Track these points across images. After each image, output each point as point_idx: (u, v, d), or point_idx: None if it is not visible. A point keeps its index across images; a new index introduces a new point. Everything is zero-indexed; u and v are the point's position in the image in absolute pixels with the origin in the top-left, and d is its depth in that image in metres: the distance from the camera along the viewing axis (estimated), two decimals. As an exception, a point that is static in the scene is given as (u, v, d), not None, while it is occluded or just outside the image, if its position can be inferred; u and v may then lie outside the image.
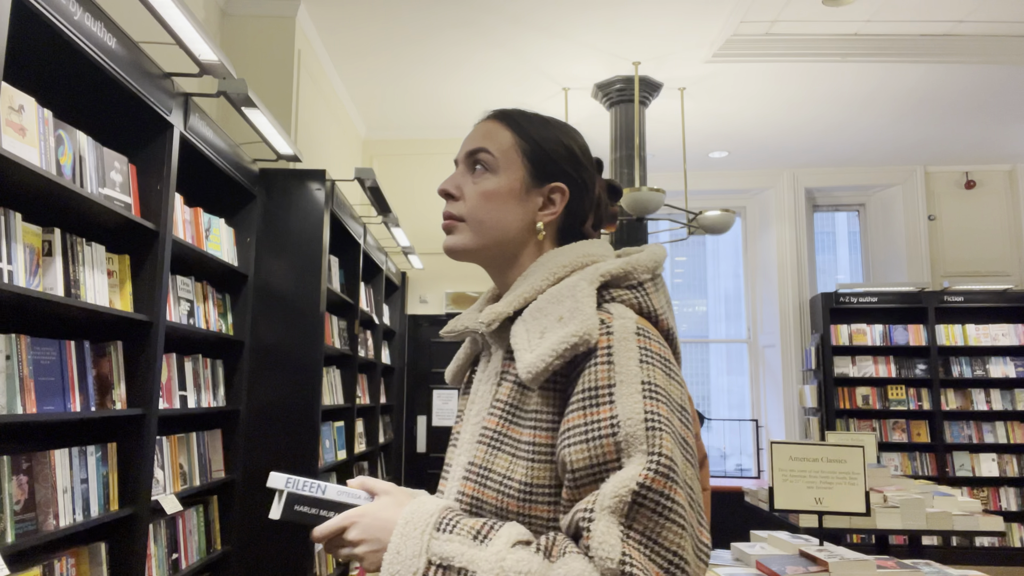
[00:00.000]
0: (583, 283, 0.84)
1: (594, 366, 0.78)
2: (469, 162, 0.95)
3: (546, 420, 0.81)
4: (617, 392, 0.76)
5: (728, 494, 5.79)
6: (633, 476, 0.72)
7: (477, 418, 0.90)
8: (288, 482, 0.82)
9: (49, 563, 1.77)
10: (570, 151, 0.96)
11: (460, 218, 0.93)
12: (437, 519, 0.78)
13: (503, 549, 0.73)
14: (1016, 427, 5.88)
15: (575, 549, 0.73)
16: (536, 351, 0.80)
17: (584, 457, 0.75)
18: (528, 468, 0.80)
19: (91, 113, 2.15)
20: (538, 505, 0.79)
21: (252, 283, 3.07)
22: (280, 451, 3.02)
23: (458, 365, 1.03)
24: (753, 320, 7.16)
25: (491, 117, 0.97)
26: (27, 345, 1.70)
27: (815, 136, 5.97)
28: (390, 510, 0.81)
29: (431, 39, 4.40)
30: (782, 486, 2.14)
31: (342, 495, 0.84)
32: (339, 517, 0.82)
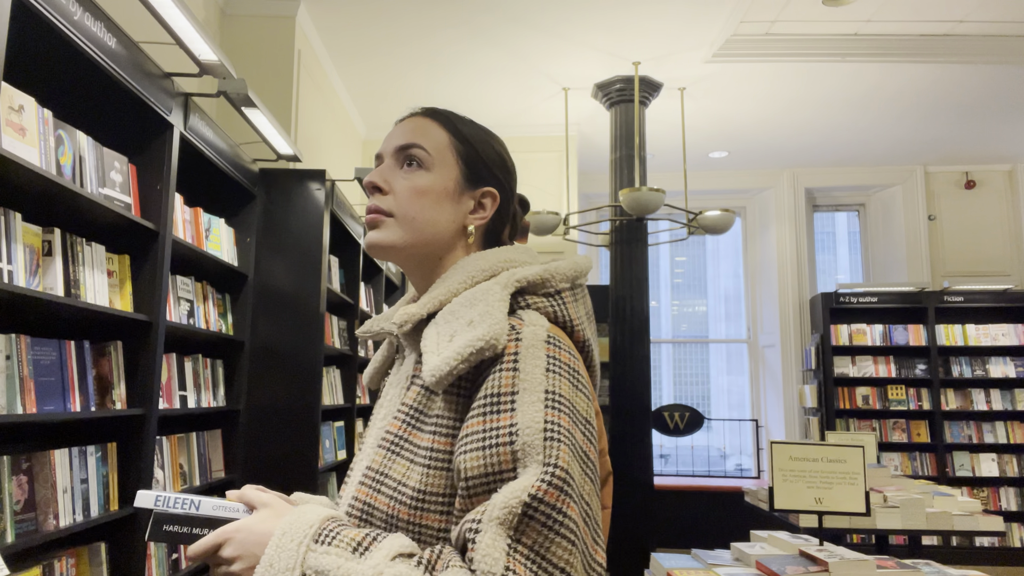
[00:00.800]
0: (496, 287, 0.82)
1: (499, 372, 0.76)
2: (400, 157, 0.91)
3: (446, 426, 0.78)
4: (519, 400, 0.74)
5: (728, 494, 5.79)
6: (525, 487, 0.69)
7: (383, 422, 0.87)
8: (158, 500, 0.77)
9: (49, 563, 1.77)
10: (501, 157, 0.97)
11: (388, 213, 0.89)
12: (316, 530, 0.73)
13: (381, 563, 0.69)
14: (1016, 427, 5.88)
15: (459, 563, 0.69)
16: (442, 354, 0.78)
17: (479, 465, 0.72)
18: (423, 475, 0.77)
19: (91, 113, 2.15)
20: (430, 514, 0.76)
21: (252, 283, 3.07)
22: (280, 451, 3.02)
23: (375, 367, 1.00)
24: (753, 320, 7.16)
25: (423, 114, 0.94)
26: (27, 345, 1.70)
27: (815, 136, 5.97)
28: (267, 522, 0.76)
29: (431, 39, 4.40)
30: (782, 486, 2.14)
31: (218, 509, 0.79)
32: (214, 534, 0.76)
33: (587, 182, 6.79)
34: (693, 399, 7.66)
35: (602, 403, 5.70)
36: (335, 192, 3.45)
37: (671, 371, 7.83)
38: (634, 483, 4.52)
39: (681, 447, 6.96)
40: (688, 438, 6.27)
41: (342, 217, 3.62)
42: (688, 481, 6.14)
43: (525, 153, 5.79)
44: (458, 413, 0.79)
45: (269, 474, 3.00)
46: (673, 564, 1.99)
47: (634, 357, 4.67)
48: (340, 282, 3.97)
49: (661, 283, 7.90)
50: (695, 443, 6.93)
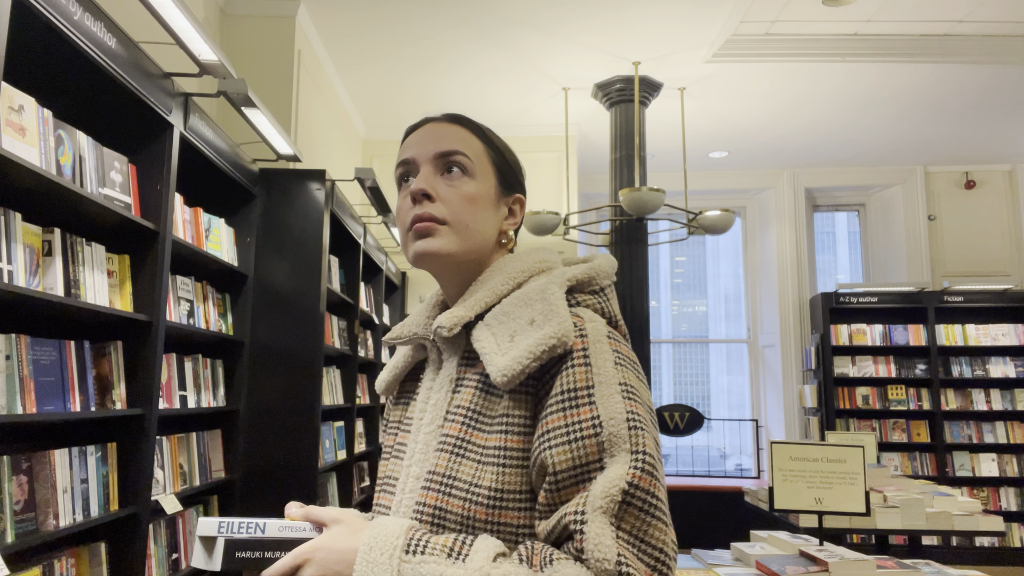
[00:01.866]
0: (553, 286, 0.84)
1: (571, 368, 0.78)
2: (440, 164, 0.90)
3: (518, 424, 0.79)
4: (597, 393, 0.76)
5: (728, 494, 5.79)
6: (621, 475, 0.72)
7: (431, 427, 0.86)
8: (221, 526, 0.74)
9: (49, 563, 1.77)
10: (520, 165, 0.99)
11: (442, 220, 0.87)
12: (404, 541, 0.73)
13: (485, 564, 0.70)
14: (1016, 427, 5.88)
15: (561, 555, 0.71)
16: (510, 354, 0.79)
17: (567, 459, 0.74)
18: (498, 474, 0.78)
19: (91, 113, 2.15)
20: (508, 512, 0.77)
21: (252, 283, 3.06)
22: (280, 451, 3.02)
23: (395, 374, 0.99)
24: (753, 320, 7.16)
25: (452, 121, 0.94)
26: (27, 345, 1.70)
27: (815, 136, 5.97)
28: (346, 539, 0.75)
29: (431, 39, 4.40)
30: (782, 486, 2.14)
31: (285, 530, 0.76)
32: (290, 556, 0.74)
33: (587, 182, 6.79)
34: (693, 399, 7.67)
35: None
36: (335, 192, 3.45)
37: (671, 371, 7.83)
38: (634, 483, 4.51)
39: (681, 447, 6.96)
40: (688, 438, 6.27)
41: (342, 217, 3.62)
42: (688, 481, 6.14)
43: (525, 153, 5.72)
44: (529, 410, 0.80)
45: (269, 474, 3.00)
46: (673, 564, 1.98)
47: (634, 357, 4.67)
48: (340, 282, 3.97)
49: (661, 283, 7.91)
50: (695, 443, 6.93)
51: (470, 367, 0.87)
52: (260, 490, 2.97)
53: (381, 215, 4.37)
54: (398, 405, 0.99)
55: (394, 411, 0.99)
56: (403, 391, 0.99)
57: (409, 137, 0.95)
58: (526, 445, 0.79)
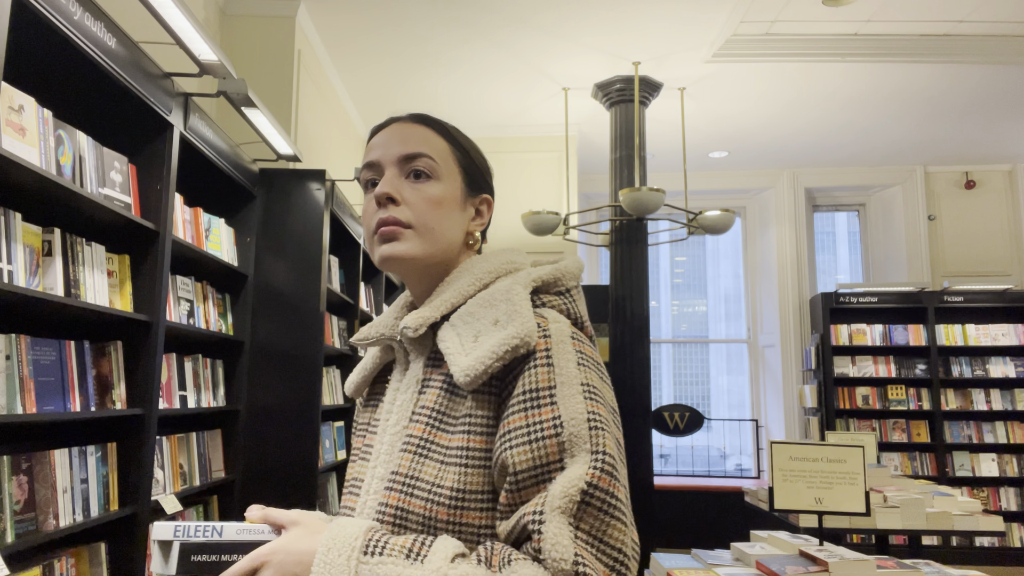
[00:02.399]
0: (517, 287, 0.84)
1: (534, 368, 0.78)
2: (406, 166, 0.89)
3: (480, 425, 0.80)
4: (559, 393, 0.76)
5: (728, 494, 5.79)
6: (581, 475, 0.72)
7: (396, 428, 0.86)
8: (177, 530, 0.73)
9: (49, 563, 1.77)
10: (487, 164, 0.98)
11: (407, 224, 0.87)
12: (363, 542, 0.72)
13: (443, 566, 0.70)
14: (1016, 427, 5.88)
15: (519, 556, 0.71)
16: (473, 354, 0.79)
17: (528, 458, 0.74)
18: (460, 474, 0.78)
19: (91, 113, 2.15)
20: (470, 512, 0.77)
21: (252, 283, 3.07)
22: (280, 451, 3.02)
23: (364, 376, 0.98)
24: (753, 320, 7.16)
25: (417, 121, 0.93)
26: (27, 345, 1.70)
27: (815, 136, 5.97)
28: (304, 541, 0.74)
29: (431, 39, 4.40)
30: (782, 486, 2.14)
31: (243, 533, 0.76)
32: (247, 559, 0.73)
33: (587, 182, 6.79)
34: (693, 399, 7.67)
35: (602, 403, 5.69)
36: (335, 192, 3.45)
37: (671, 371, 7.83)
38: (634, 483, 4.52)
39: (681, 447, 6.96)
40: (688, 438, 6.27)
41: (342, 217, 3.62)
42: (688, 481, 6.14)
43: (525, 153, 5.79)
44: (492, 411, 0.80)
45: (269, 474, 3.00)
46: (673, 564, 1.99)
47: (634, 357, 4.67)
48: (340, 282, 3.97)
49: (661, 283, 7.91)
50: (695, 443, 6.93)
51: (436, 368, 0.88)
52: (260, 490, 2.97)
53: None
54: (368, 407, 0.98)
55: (363, 413, 0.98)
56: (373, 393, 0.99)
57: (374, 138, 0.94)
58: (488, 445, 0.79)
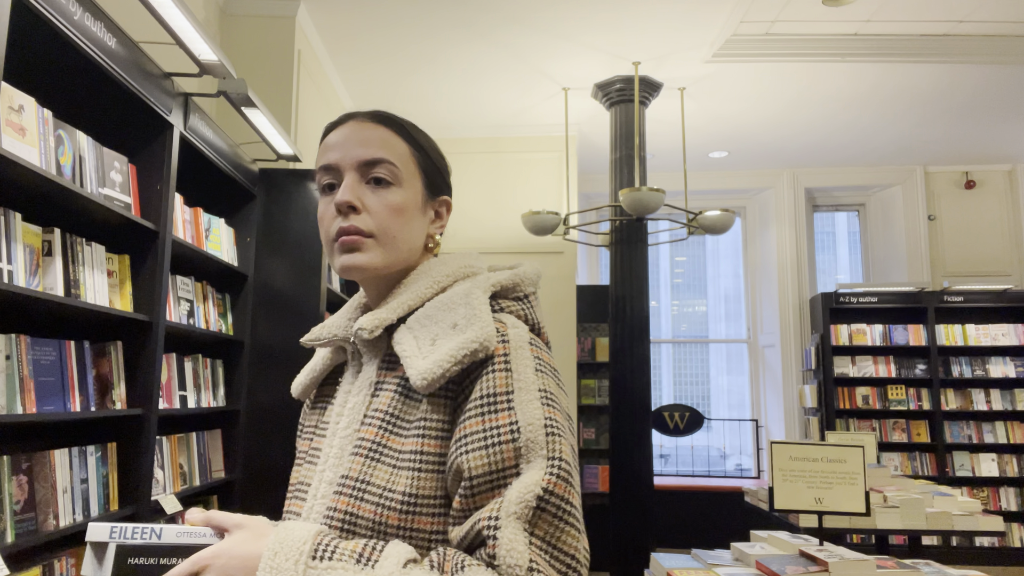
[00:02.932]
0: (477, 291, 0.83)
1: (492, 373, 0.77)
2: (366, 172, 0.87)
3: (435, 429, 0.79)
4: (516, 399, 0.76)
5: (728, 494, 5.80)
6: (537, 481, 0.71)
7: (347, 431, 0.84)
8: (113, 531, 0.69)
9: (49, 563, 1.77)
10: (446, 162, 0.96)
11: (368, 234, 0.85)
12: (312, 546, 0.70)
13: (395, 571, 0.68)
14: (1016, 427, 5.88)
15: (473, 561, 0.70)
16: (431, 357, 0.78)
17: (484, 463, 0.73)
18: (412, 479, 0.77)
19: (91, 113, 2.15)
20: (421, 517, 0.76)
21: (252, 283, 3.07)
22: (280, 451, 3.02)
23: (312, 377, 0.96)
24: (753, 320, 7.16)
25: (378, 122, 0.90)
26: (27, 345, 1.70)
27: (815, 136, 5.97)
28: (248, 544, 0.71)
29: (431, 39, 4.40)
30: (782, 486, 2.14)
31: (183, 536, 0.72)
32: (187, 562, 0.70)
33: (587, 182, 6.79)
34: (693, 399, 7.67)
35: (602, 403, 5.70)
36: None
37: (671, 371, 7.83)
38: (634, 483, 4.52)
39: (681, 447, 6.96)
40: (688, 438, 6.28)
41: (342, 217, 3.61)
42: (688, 481, 6.14)
43: (525, 153, 5.79)
44: (447, 415, 0.79)
45: (269, 474, 3.00)
46: (673, 564, 1.99)
47: (634, 357, 4.67)
48: (340, 282, 3.97)
49: (661, 283, 7.90)
50: (695, 443, 6.93)
51: (390, 371, 0.86)
52: (260, 490, 2.97)
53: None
54: (315, 409, 0.96)
55: (310, 415, 0.96)
56: (321, 395, 0.97)
57: (331, 135, 0.91)
58: (443, 450, 0.78)
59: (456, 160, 1.06)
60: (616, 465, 4.53)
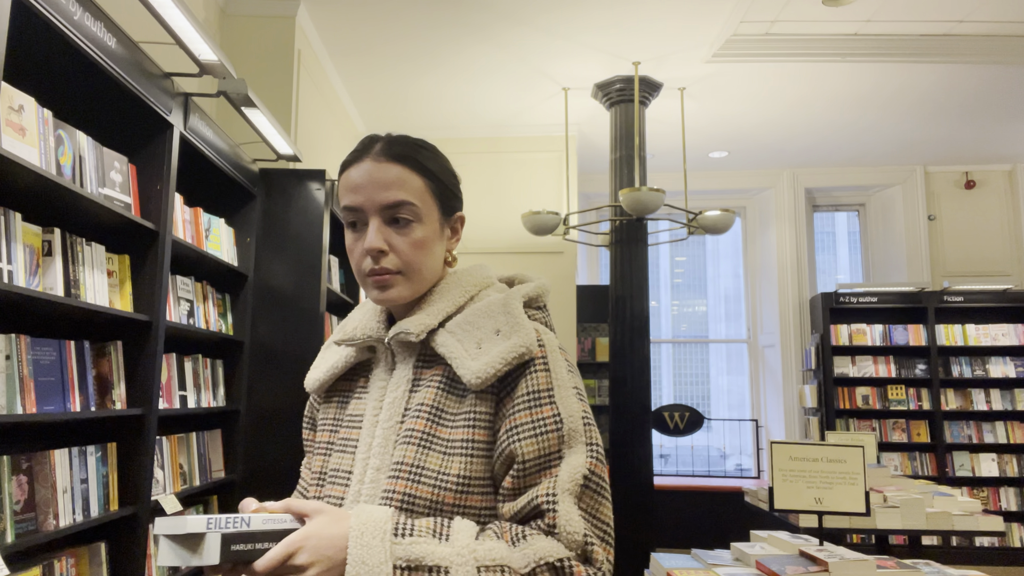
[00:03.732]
0: (514, 302, 0.95)
1: (534, 373, 0.90)
2: (388, 215, 0.95)
3: (483, 420, 0.90)
4: (556, 395, 0.89)
5: (728, 494, 5.79)
6: (582, 463, 0.86)
7: (389, 423, 0.94)
8: (210, 523, 0.76)
9: (49, 563, 1.77)
10: (455, 175, 1.03)
11: (397, 271, 0.95)
12: (392, 525, 0.81)
13: (470, 542, 0.81)
14: (1016, 427, 5.88)
15: (532, 531, 0.84)
16: (481, 359, 0.90)
17: (534, 449, 0.86)
18: (464, 463, 0.89)
19: (91, 113, 2.15)
20: (473, 496, 0.89)
21: (252, 283, 3.06)
22: (280, 451, 3.02)
23: (332, 374, 1.04)
24: (753, 320, 7.16)
25: (394, 160, 0.95)
26: (27, 345, 1.70)
27: (815, 136, 5.97)
28: (333, 526, 0.81)
29: (431, 39, 4.40)
30: (782, 486, 2.14)
31: (269, 523, 0.80)
32: (282, 545, 0.78)
33: (587, 182, 6.79)
34: (693, 399, 7.67)
35: (602, 403, 5.70)
36: (335, 192, 3.45)
37: (671, 371, 7.83)
38: (634, 483, 4.52)
39: (681, 447, 6.96)
40: (688, 438, 6.27)
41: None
42: (688, 481, 6.13)
43: (525, 153, 5.79)
44: (492, 408, 0.91)
45: (269, 474, 3.00)
46: (673, 564, 1.99)
47: (634, 357, 4.67)
48: (340, 282, 3.97)
49: (661, 283, 7.90)
50: (695, 443, 6.93)
51: (427, 368, 0.96)
52: (260, 490, 2.97)
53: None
54: (330, 403, 1.05)
55: (326, 408, 1.05)
56: (336, 390, 1.05)
57: (352, 173, 0.97)
58: (489, 438, 0.90)
59: (456, 160, 1.09)
60: (616, 465, 4.53)
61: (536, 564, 0.81)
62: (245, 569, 0.77)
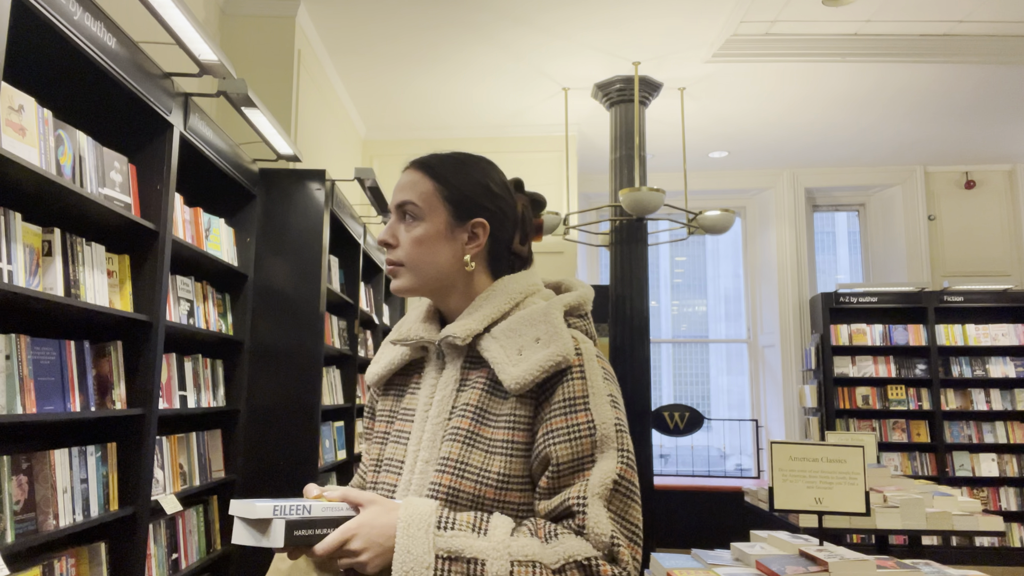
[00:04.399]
0: (555, 311, 1.00)
1: (571, 380, 0.96)
2: (399, 213, 1.06)
3: (523, 422, 0.96)
4: (591, 402, 0.95)
5: (728, 494, 5.79)
6: (613, 469, 0.91)
7: (438, 419, 1.01)
8: (276, 509, 0.84)
9: (49, 563, 1.77)
10: (485, 187, 1.07)
11: (400, 263, 1.05)
12: (436, 518, 0.88)
13: (506, 538, 0.87)
14: (1016, 427, 5.88)
15: (563, 530, 0.89)
16: (521, 366, 0.95)
17: (568, 453, 0.92)
18: (505, 462, 0.95)
19: (91, 113, 2.15)
20: (512, 492, 0.95)
21: (252, 283, 3.06)
22: (280, 451, 3.02)
23: (390, 369, 1.12)
24: (753, 320, 7.16)
25: (413, 167, 1.07)
26: (27, 345, 1.70)
27: (815, 136, 5.97)
28: (384, 516, 0.89)
29: (431, 39, 4.40)
30: (782, 486, 2.14)
31: (327, 510, 0.88)
32: (339, 531, 0.86)
33: (587, 182, 6.79)
34: (693, 399, 7.67)
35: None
36: (335, 192, 3.45)
37: (671, 371, 7.83)
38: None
39: (681, 447, 6.96)
40: (688, 438, 6.27)
41: (342, 217, 3.62)
42: (688, 481, 6.14)
43: (525, 153, 5.79)
44: (531, 411, 0.97)
45: (269, 474, 3.00)
46: (673, 564, 1.99)
47: (634, 357, 4.67)
48: (340, 282, 3.97)
49: (661, 283, 7.90)
50: (695, 443, 6.93)
51: (473, 369, 1.03)
52: (260, 490, 2.97)
53: (381, 215, 4.37)
54: (387, 395, 1.13)
55: (383, 400, 1.13)
56: (392, 383, 1.14)
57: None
58: (528, 439, 0.96)
59: None
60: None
61: (565, 561, 0.87)
62: (306, 551, 0.86)
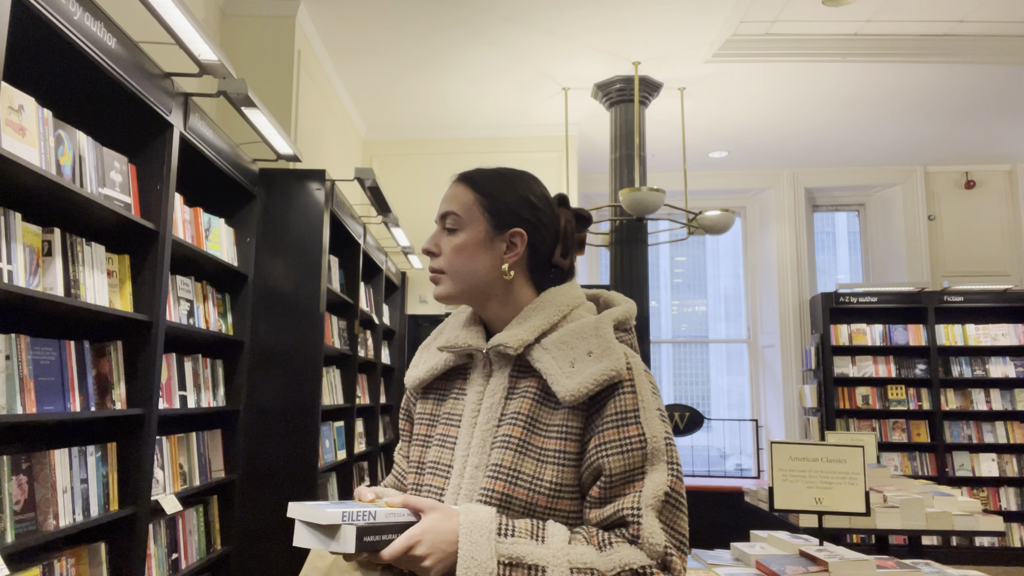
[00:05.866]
0: (605, 326, 1.03)
1: (622, 394, 0.98)
2: (442, 223, 1.11)
3: (574, 433, 0.99)
4: (642, 416, 0.97)
5: (728, 494, 5.79)
6: (664, 481, 0.95)
7: (487, 426, 1.03)
8: (345, 515, 0.86)
9: (49, 563, 1.77)
10: (524, 199, 1.11)
11: (441, 271, 1.09)
12: (496, 525, 0.91)
13: (564, 546, 0.90)
14: (1016, 427, 5.88)
15: (616, 539, 0.92)
16: (575, 379, 0.98)
17: (620, 465, 0.95)
18: (557, 472, 0.98)
19: (91, 113, 2.15)
20: (563, 500, 0.98)
21: (252, 283, 3.06)
22: (280, 451, 3.02)
23: (432, 375, 1.14)
24: (753, 320, 7.16)
25: (457, 180, 1.12)
26: (27, 345, 1.70)
27: (815, 136, 5.97)
28: (445, 522, 0.91)
29: (431, 39, 4.40)
30: (782, 486, 2.14)
31: (391, 516, 0.90)
32: (404, 537, 0.89)
33: (587, 182, 6.79)
34: (693, 399, 7.66)
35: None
36: (335, 192, 3.45)
37: (671, 371, 7.82)
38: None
39: (681, 447, 6.95)
40: (688, 438, 6.27)
41: (342, 217, 3.62)
42: (688, 481, 6.13)
43: (525, 153, 5.79)
44: (582, 422, 0.99)
45: (269, 474, 3.00)
46: (673, 564, 1.98)
47: (634, 357, 4.66)
48: (340, 282, 3.97)
49: (661, 283, 7.90)
50: (695, 443, 6.93)
51: (522, 378, 1.05)
52: (260, 490, 2.97)
53: (381, 215, 4.37)
54: (427, 399, 1.15)
55: (423, 403, 1.15)
56: (432, 387, 1.15)
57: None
58: (579, 449, 0.99)
59: (456, 160, 1.13)
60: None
61: (621, 569, 0.90)
62: (372, 556, 0.88)
